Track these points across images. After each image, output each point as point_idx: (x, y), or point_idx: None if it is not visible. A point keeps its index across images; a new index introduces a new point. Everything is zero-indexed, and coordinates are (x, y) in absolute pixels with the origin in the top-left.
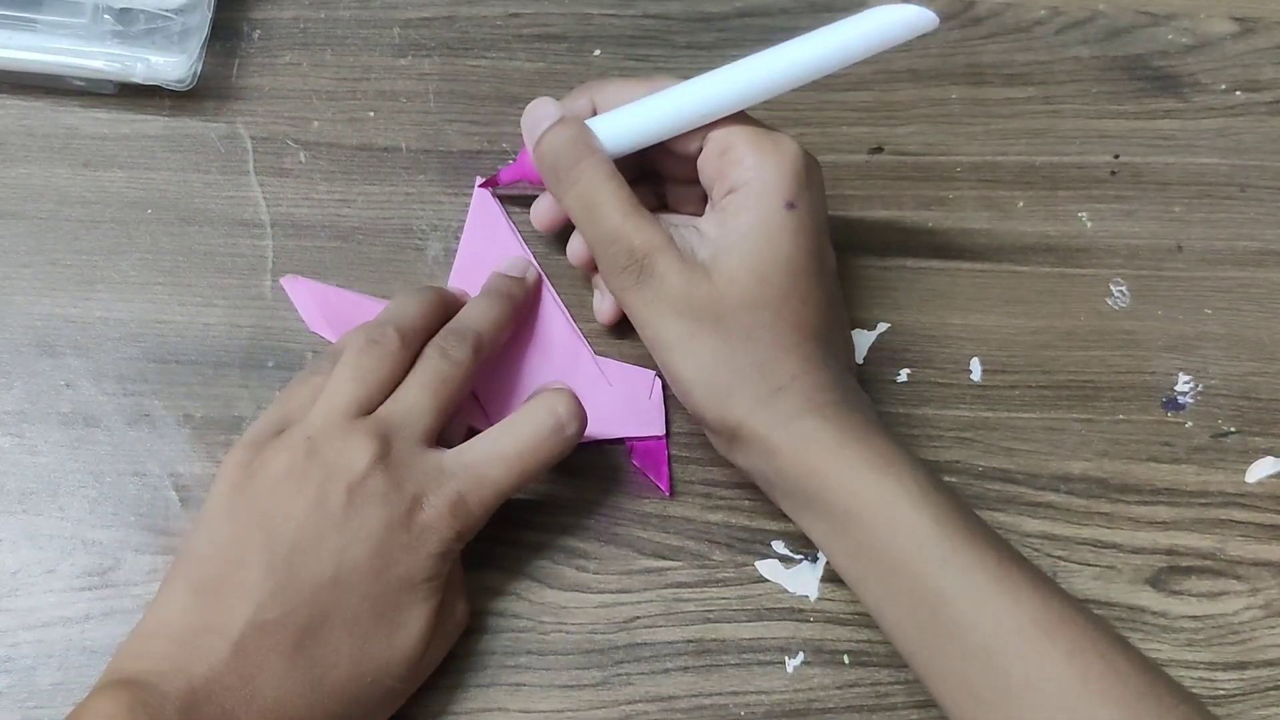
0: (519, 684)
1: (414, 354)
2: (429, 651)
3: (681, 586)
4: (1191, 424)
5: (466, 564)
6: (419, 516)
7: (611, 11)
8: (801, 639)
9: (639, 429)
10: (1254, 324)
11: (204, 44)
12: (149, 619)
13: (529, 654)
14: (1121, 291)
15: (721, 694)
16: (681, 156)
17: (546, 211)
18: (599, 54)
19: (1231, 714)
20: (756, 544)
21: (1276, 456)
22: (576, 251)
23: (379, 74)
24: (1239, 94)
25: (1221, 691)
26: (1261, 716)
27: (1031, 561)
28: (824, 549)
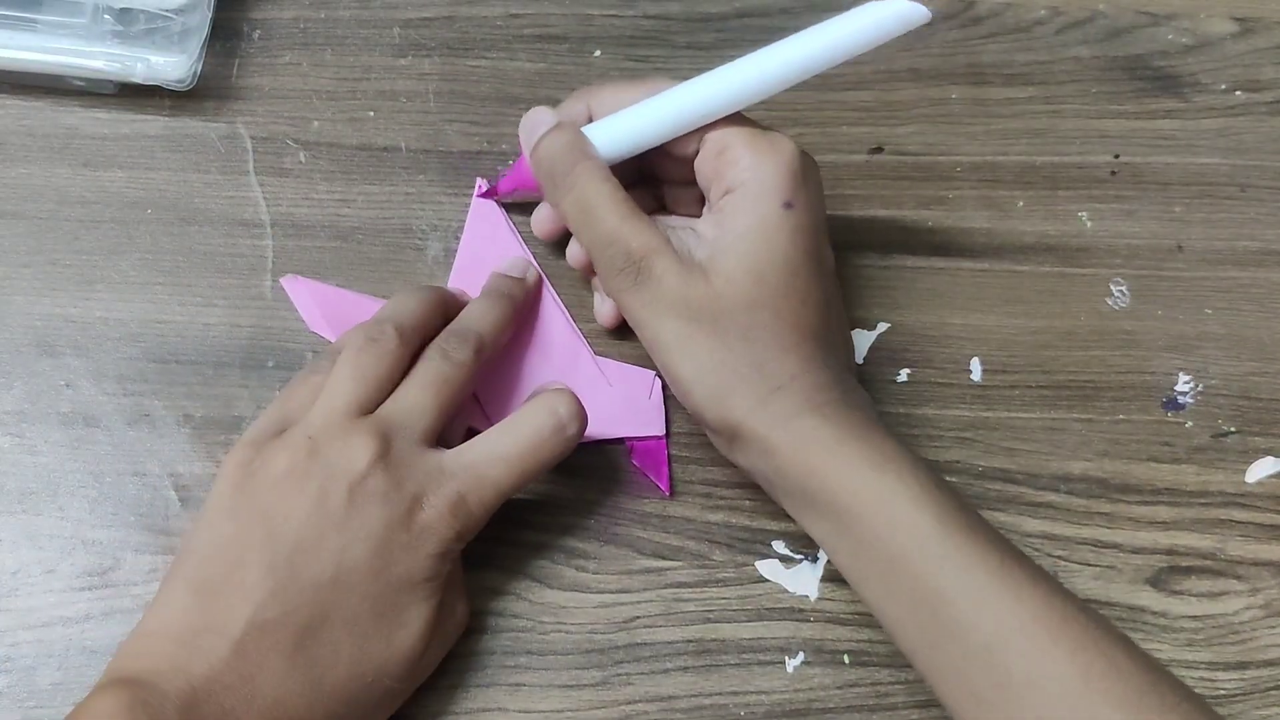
0: (519, 684)
1: (413, 352)
2: (429, 651)
3: (681, 586)
4: (1191, 424)
5: (466, 564)
6: (419, 516)
7: (612, 12)
8: (801, 639)
9: (639, 429)
10: (1254, 324)
11: (204, 44)
12: (149, 618)
13: (529, 654)
14: (1122, 291)
15: (721, 694)
16: (679, 159)
17: (547, 219)
18: (599, 54)
19: (1232, 714)
20: (756, 544)
21: (1276, 456)
22: (576, 254)
23: (379, 74)
24: (1239, 94)
25: (1222, 691)
26: (1262, 716)
27: (1033, 560)
28: (826, 548)
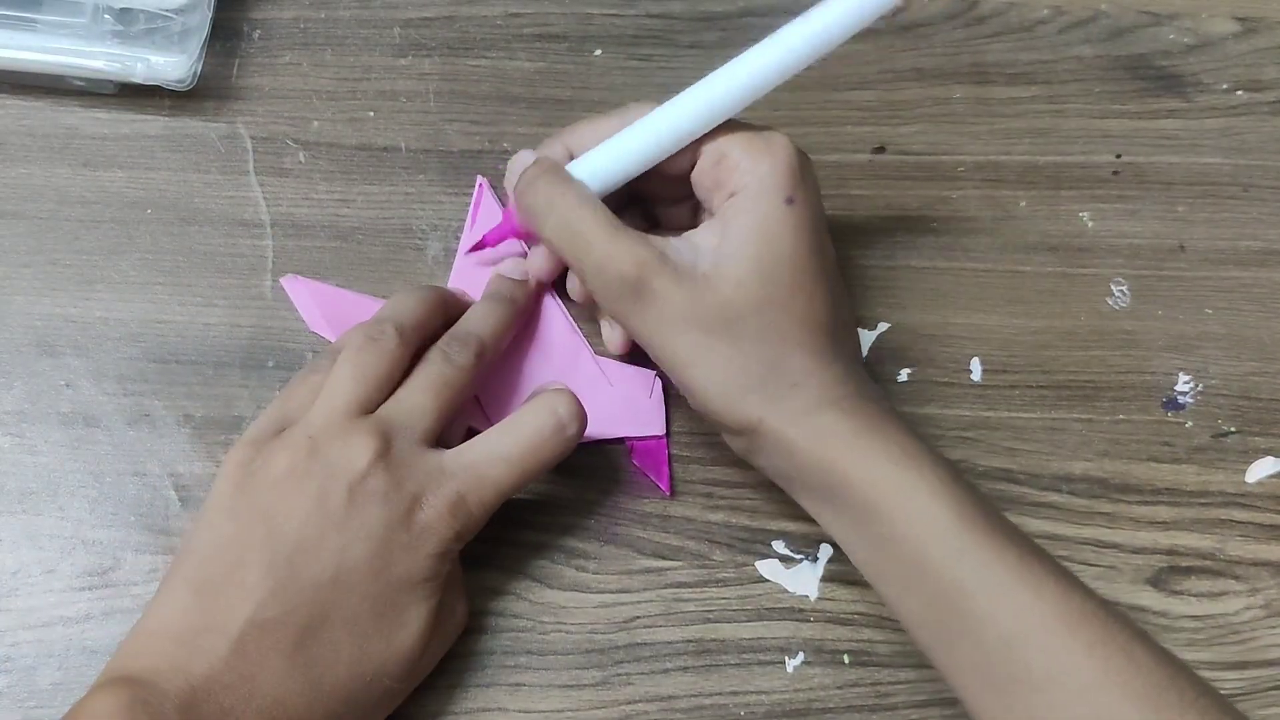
0: (519, 684)
1: (412, 351)
2: (428, 651)
3: (681, 586)
4: (1192, 424)
5: (466, 564)
6: (419, 516)
7: (613, 11)
8: (801, 639)
9: (639, 429)
10: (1255, 324)
11: (204, 44)
12: (149, 617)
13: (529, 654)
14: (1122, 291)
15: (721, 694)
16: (672, 177)
17: (543, 261)
18: (600, 54)
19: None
20: (756, 544)
21: (1277, 456)
22: (576, 289)
23: (379, 74)
24: (1241, 94)
25: (1222, 691)
26: (1262, 716)
27: (1051, 556)
28: (843, 543)
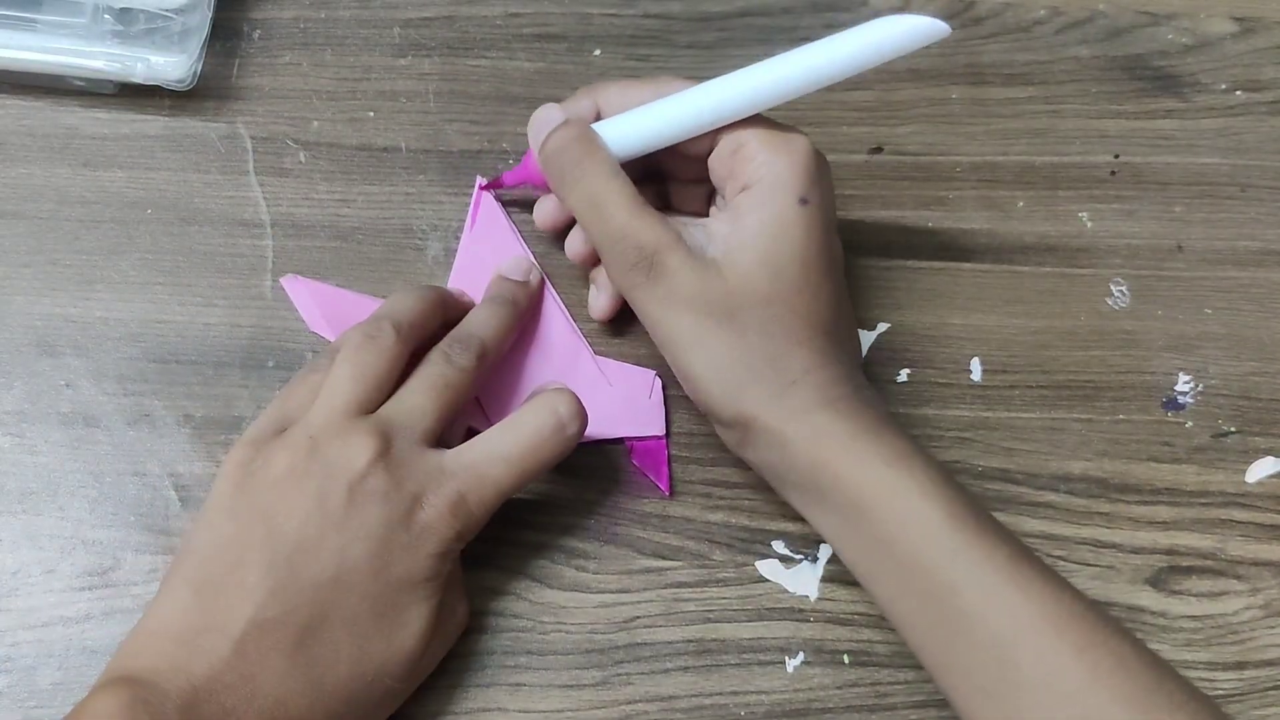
0: (519, 684)
1: (411, 349)
2: (428, 651)
3: (681, 586)
4: (1191, 424)
5: (466, 564)
6: (419, 516)
7: (612, 11)
8: (801, 639)
9: (639, 429)
10: (1254, 324)
11: (204, 44)
12: (150, 617)
13: (529, 654)
14: (1122, 291)
15: (721, 694)
16: (690, 157)
17: (550, 211)
18: (599, 54)
19: (1231, 714)
20: (756, 544)
21: (1276, 456)
22: (575, 248)
23: (379, 74)
24: (1239, 94)
25: (1221, 691)
26: (1261, 716)
27: (1041, 558)
28: (834, 543)
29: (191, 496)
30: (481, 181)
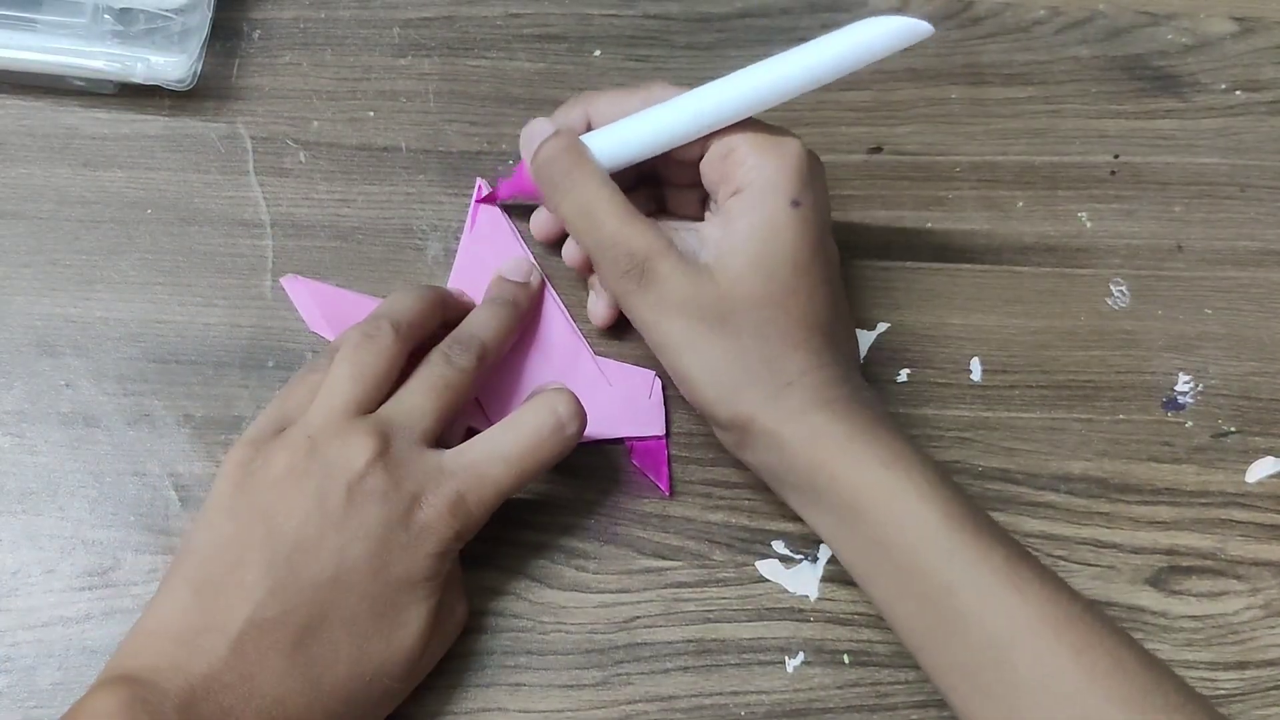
0: (518, 684)
1: (409, 347)
2: (428, 651)
3: (681, 586)
4: (1191, 424)
5: (466, 564)
6: (418, 515)
7: (611, 11)
8: (801, 639)
9: (639, 429)
10: (1254, 324)
11: (204, 44)
12: (149, 617)
13: (529, 654)
14: (1121, 291)
15: (721, 694)
16: (682, 162)
17: (545, 223)
18: (599, 54)
19: (1231, 714)
20: (756, 544)
21: (1276, 456)
22: (572, 254)
23: (379, 74)
24: (1239, 94)
25: (1221, 691)
26: (1261, 716)
27: (1039, 559)
28: (831, 544)
29: (191, 496)
30: (482, 182)
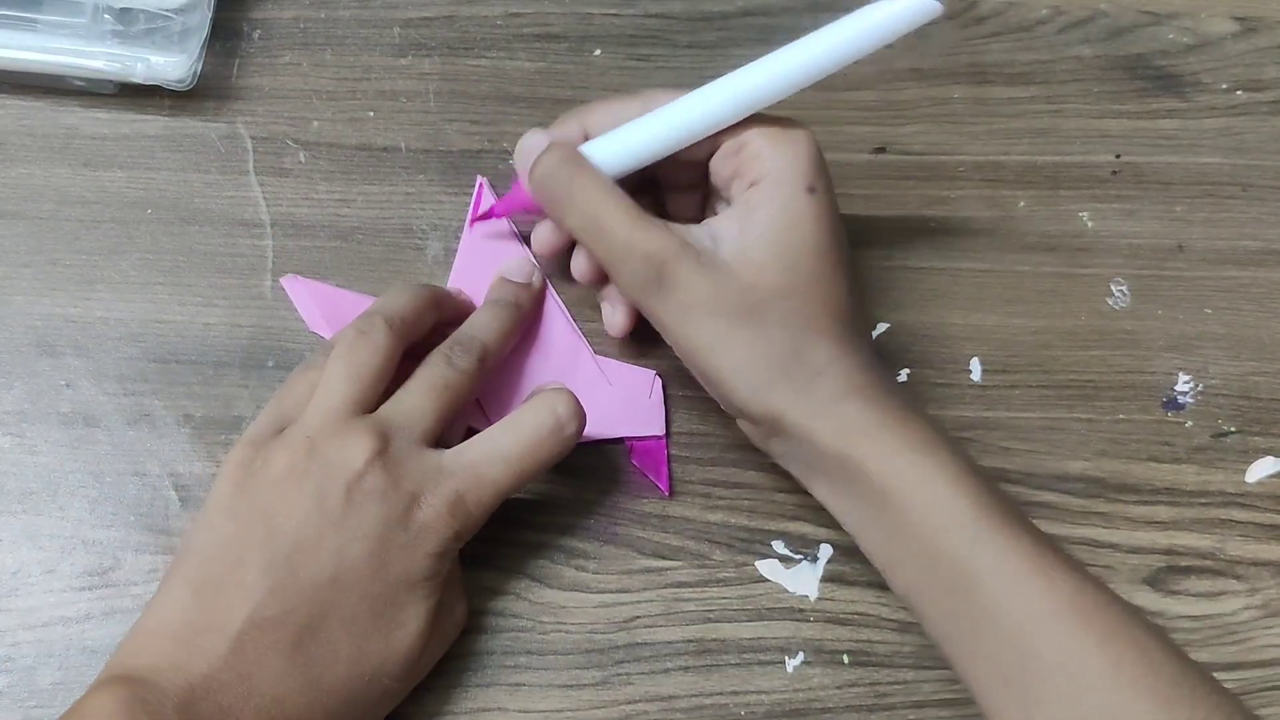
0: (518, 684)
1: (404, 343)
2: (427, 651)
3: (681, 586)
4: (1191, 424)
5: (466, 564)
6: (417, 515)
7: (612, 11)
8: (801, 639)
9: (639, 429)
10: (1255, 324)
11: (204, 44)
12: (148, 616)
13: (528, 654)
14: (1122, 291)
15: (721, 694)
16: (687, 164)
17: (548, 237)
18: (599, 54)
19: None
20: (756, 544)
21: (1276, 456)
22: (581, 269)
23: (379, 74)
24: (1241, 93)
25: None
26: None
27: (1065, 550)
28: (856, 532)
29: (191, 496)
30: (482, 180)
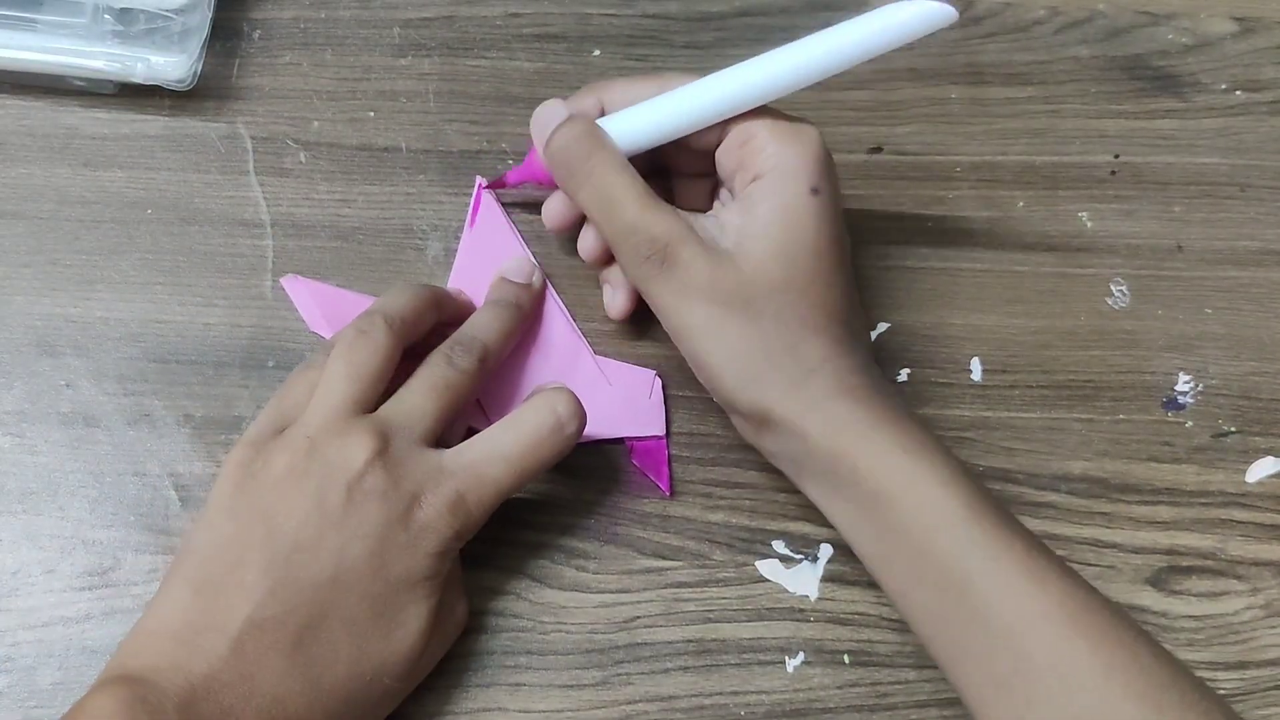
0: (518, 684)
1: (404, 343)
2: (427, 651)
3: (681, 586)
4: (1192, 424)
5: (466, 564)
6: (417, 515)
7: (611, 11)
8: (801, 639)
9: (639, 429)
10: (1254, 324)
11: (204, 44)
12: (149, 616)
13: (528, 654)
14: (1122, 291)
15: (722, 694)
16: (696, 151)
17: (558, 211)
18: (598, 54)
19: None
20: (756, 544)
21: (1276, 456)
22: (588, 246)
23: (379, 74)
24: (1239, 94)
25: (1222, 691)
26: (1262, 716)
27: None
28: (848, 533)
29: (191, 496)
30: (482, 181)
